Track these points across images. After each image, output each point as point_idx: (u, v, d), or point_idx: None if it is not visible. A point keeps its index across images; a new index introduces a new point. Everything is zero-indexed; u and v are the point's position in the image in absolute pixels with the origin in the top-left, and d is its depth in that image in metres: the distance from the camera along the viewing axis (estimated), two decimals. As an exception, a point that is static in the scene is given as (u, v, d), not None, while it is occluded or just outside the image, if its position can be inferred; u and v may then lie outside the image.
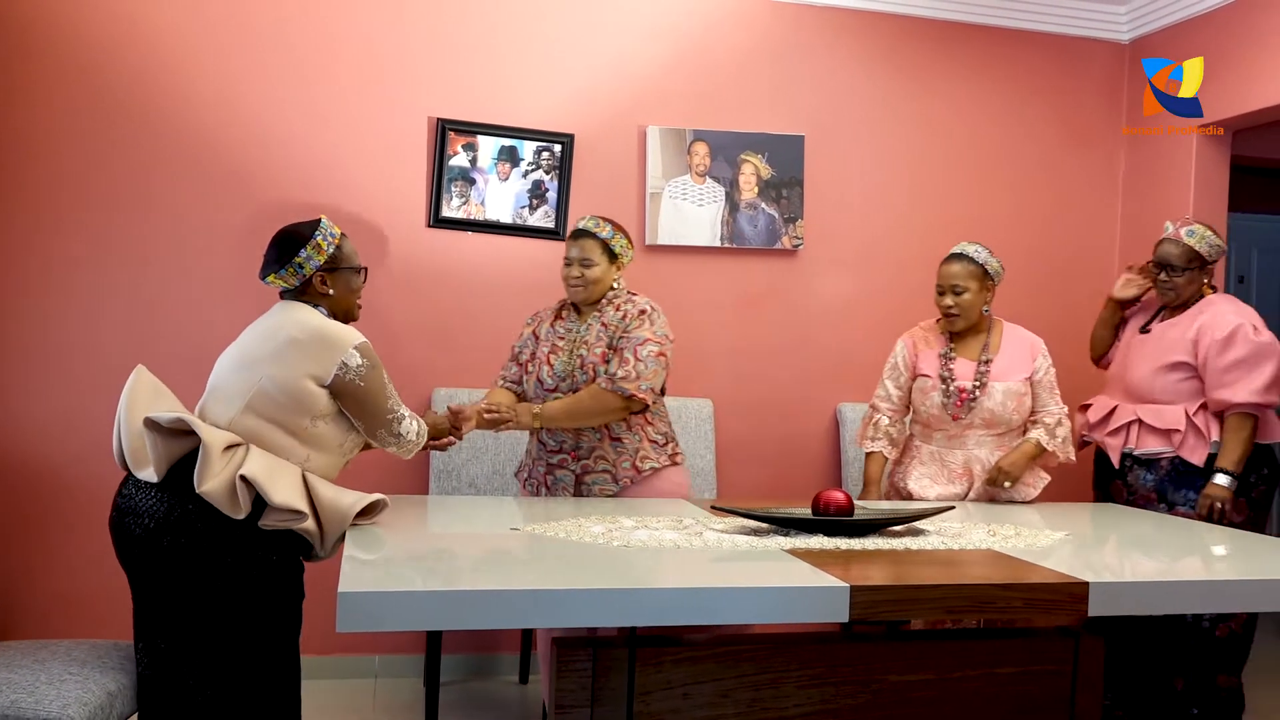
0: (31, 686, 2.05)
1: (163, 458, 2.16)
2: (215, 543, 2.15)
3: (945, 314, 3.15)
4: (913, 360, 3.20)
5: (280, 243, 2.38)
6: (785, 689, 2.37)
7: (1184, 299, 3.27)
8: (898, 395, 3.23)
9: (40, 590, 3.44)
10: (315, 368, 2.25)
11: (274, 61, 3.56)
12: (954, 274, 3.12)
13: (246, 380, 2.26)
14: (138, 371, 2.31)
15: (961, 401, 3.08)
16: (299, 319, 2.32)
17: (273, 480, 2.14)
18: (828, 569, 2.01)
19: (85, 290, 3.46)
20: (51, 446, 3.44)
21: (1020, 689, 2.56)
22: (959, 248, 3.18)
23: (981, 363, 3.11)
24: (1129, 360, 3.36)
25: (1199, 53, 3.85)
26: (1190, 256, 3.20)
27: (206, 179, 3.52)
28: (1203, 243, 3.21)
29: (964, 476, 3.11)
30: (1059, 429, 3.13)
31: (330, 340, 2.27)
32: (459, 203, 3.67)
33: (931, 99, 4.09)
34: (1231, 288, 5.09)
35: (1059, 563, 2.17)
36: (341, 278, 2.42)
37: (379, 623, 1.81)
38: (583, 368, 2.88)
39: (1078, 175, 4.23)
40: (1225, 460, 3.12)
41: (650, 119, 3.83)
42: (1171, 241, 3.24)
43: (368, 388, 2.29)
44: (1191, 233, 3.22)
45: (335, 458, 2.34)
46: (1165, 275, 3.25)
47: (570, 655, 2.26)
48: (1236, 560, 2.50)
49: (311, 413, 2.26)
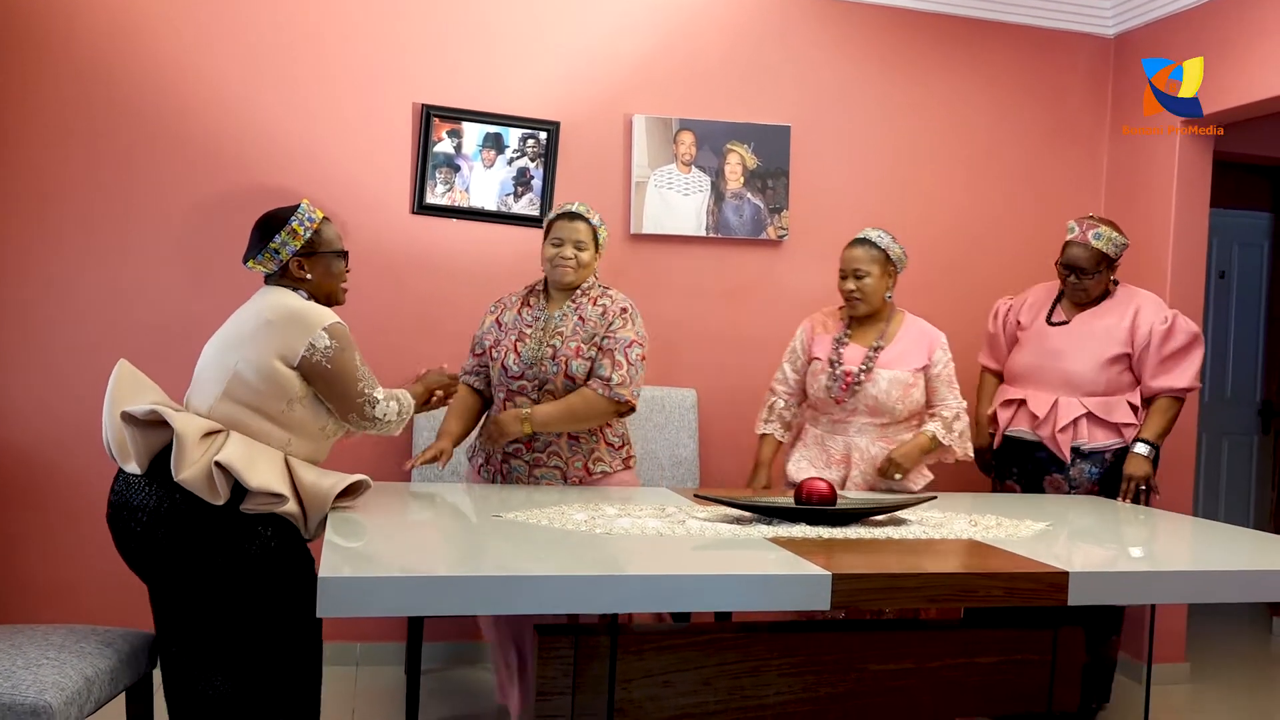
0: (8, 671, 2.03)
1: (143, 450, 2.16)
2: (208, 531, 2.14)
3: (847, 298, 3.13)
4: (809, 343, 3.19)
5: (259, 227, 2.37)
6: (766, 677, 2.37)
7: (1093, 297, 3.37)
8: (794, 379, 3.22)
9: (17, 577, 3.41)
10: (284, 348, 2.23)
11: (258, 47, 3.53)
12: (856, 258, 3.09)
13: (224, 366, 2.26)
14: (119, 365, 2.30)
15: (846, 386, 3.05)
16: (274, 301, 2.31)
17: (250, 464, 2.13)
18: (810, 557, 2.02)
19: (65, 276, 3.43)
20: (31, 433, 3.41)
21: (1000, 678, 2.58)
22: (863, 233, 3.15)
23: (872, 349, 3.09)
24: (1062, 352, 3.34)
25: (1183, 47, 3.87)
26: (1098, 259, 3.27)
27: (189, 165, 3.49)
28: (1109, 244, 3.28)
29: (843, 463, 3.09)
30: (956, 423, 3.10)
31: (300, 320, 2.26)
32: (443, 190, 3.65)
33: (917, 91, 4.09)
34: (1212, 283, 5.12)
35: (1040, 553, 2.19)
36: (320, 262, 2.40)
37: (360, 608, 1.80)
38: (554, 358, 2.84)
39: (1061, 168, 4.24)
40: (1148, 432, 3.25)
41: (636, 107, 3.82)
42: (1079, 245, 3.29)
43: (335, 370, 2.26)
44: (1098, 236, 3.27)
45: (318, 441, 2.33)
46: (1075, 279, 3.31)
47: (552, 642, 2.26)
48: (1217, 551, 2.52)
49: (287, 395, 2.25)
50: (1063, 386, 3.33)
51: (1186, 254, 3.93)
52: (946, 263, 4.12)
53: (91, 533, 3.36)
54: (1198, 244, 3.95)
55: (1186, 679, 3.94)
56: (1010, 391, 3.46)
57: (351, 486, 2.29)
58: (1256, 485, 5.41)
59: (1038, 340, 3.41)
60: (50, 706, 1.98)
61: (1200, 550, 2.58)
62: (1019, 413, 3.40)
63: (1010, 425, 3.41)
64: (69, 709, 2.03)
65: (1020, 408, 3.40)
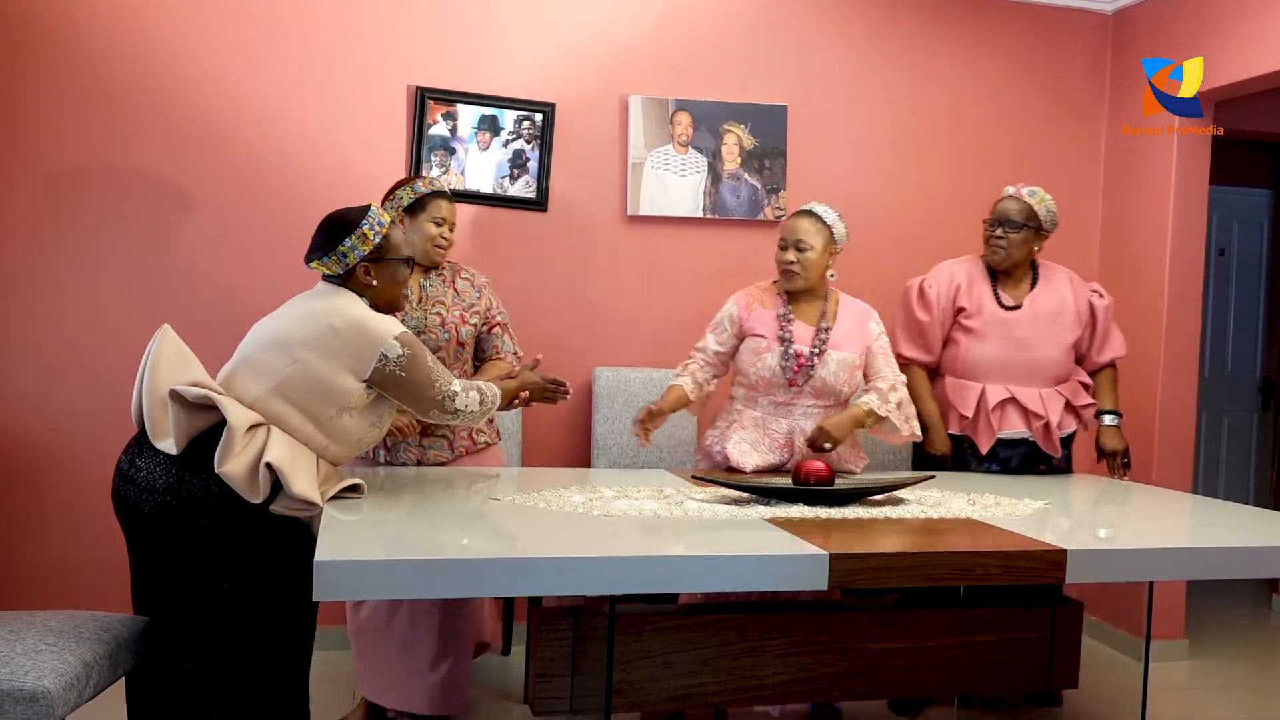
0: (7, 657, 2.03)
1: (184, 432, 2.11)
2: (231, 522, 2.13)
3: (785, 270, 3.01)
4: (742, 319, 3.06)
5: (326, 229, 2.33)
6: (765, 657, 2.38)
7: (1013, 261, 3.23)
8: (714, 350, 3.08)
9: (15, 564, 3.42)
10: (353, 362, 2.22)
11: (252, 31, 3.50)
12: (801, 229, 2.99)
13: (280, 360, 2.22)
14: (163, 333, 2.23)
15: (799, 367, 2.97)
16: (341, 307, 2.28)
17: (294, 469, 2.12)
18: (807, 537, 2.02)
19: (61, 263, 3.41)
20: (28, 421, 3.41)
21: (998, 656, 2.59)
22: (810, 205, 3.08)
23: (821, 329, 3.00)
24: (1030, 341, 3.19)
25: (1183, 24, 3.85)
26: (1028, 214, 3.20)
27: (184, 150, 3.47)
28: (1042, 204, 3.22)
29: (785, 447, 2.98)
30: (892, 394, 2.99)
31: (369, 334, 2.23)
32: (439, 172, 3.63)
33: (915, 69, 4.06)
34: (1212, 261, 5.11)
35: (1038, 531, 2.19)
36: (387, 268, 2.36)
37: (356, 591, 1.81)
38: (443, 325, 2.94)
39: (1060, 146, 4.22)
40: (1112, 403, 3.31)
41: (632, 88, 3.80)
42: (1012, 199, 3.24)
43: (409, 376, 2.26)
44: (1033, 193, 3.22)
45: (351, 449, 2.33)
46: (1000, 232, 3.22)
47: (551, 624, 2.27)
48: (1217, 528, 2.52)
49: (339, 404, 2.23)
50: (1031, 377, 3.20)
51: (1186, 231, 3.91)
52: (944, 241, 4.10)
53: (90, 519, 3.37)
54: (1197, 221, 3.93)
55: (1185, 655, 3.95)
56: (971, 388, 3.21)
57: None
58: (1256, 462, 5.41)
59: (1001, 329, 3.20)
60: (49, 692, 1.98)
61: (1200, 527, 2.58)
62: (1007, 412, 3.19)
63: (1003, 428, 3.18)
64: (68, 694, 2.03)
65: (1007, 406, 3.19)
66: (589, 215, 3.79)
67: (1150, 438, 3.91)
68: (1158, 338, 3.91)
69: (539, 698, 2.28)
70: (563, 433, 3.80)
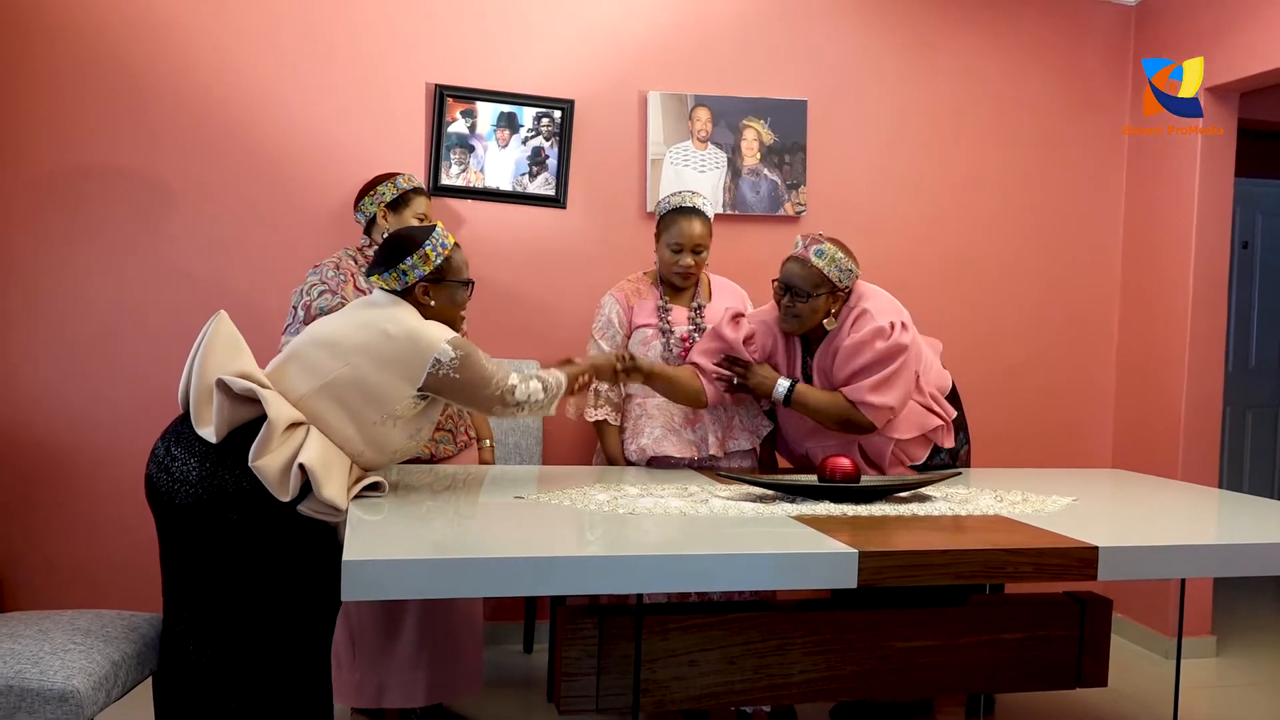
0: (36, 657, 2.04)
1: (225, 421, 2.12)
2: (259, 520, 2.13)
3: (684, 274, 3.03)
4: (628, 315, 3.08)
5: (390, 245, 2.37)
6: (792, 655, 2.37)
7: (806, 327, 2.85)
8: None
9: (44, 562, 3.43)
10: (407, 369, 2.23)
11: (271, 29, 3.51)
12: (697, 235, 3.00)
13: (332, 361, 2.23)
14: (218, 318, 2.24)
15: (685, 352, 3.00)
16: (396, 315, 2.30)
17: (327, 472, 2.12)
18: (835, 535, 2.00)
19: (82, 263, 3.43)
20: (52, 421, 3.42)
21: (1027, 654, 2.57)
22: (691, 201, 3.03)
23: (694, 309, 3.07)
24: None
25: (1206, 13, 3.81)
26: (817, 280, 2.78)
27: (204, 148, 3.48)
28: (831, 265, 2.77)
29: (697, 423, 2.99)
30: None
31: (421, 340, 2.25)
32: (458, 170, 3.62)
33: (935, 63, 4.03)
34: (1235, 254, 5.06)
35: (1067, 527, 2.16)
36: (446, 290, 2.39)
37: (384, 590, 1.80)
38: None
39: (1082, 140, 4.18)
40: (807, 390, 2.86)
41: (651, 84, 3.78)
42: (797, 260, 2.80)
43: (464, 378, 2.27)
44: (820, 253, 2.77)
45: (385, 458, 2.34)
46: (789, 300, 2.82)
47: (577, 623, 2.25)
48: (1245, 524, 2.49)
49: (386, 411, 2.24)
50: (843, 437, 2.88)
51: (1210, 224, 3.87)
52: (965, 237, 4.08)
53: (115, 519, 3.38)
54: (1221, 214, 3.89)
55: (1213, 652, 3.92)
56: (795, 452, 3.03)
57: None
58: (1281, 457, 5.37)
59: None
60: (78, 691, 1.99)
61: (1228, 523, 2.55)
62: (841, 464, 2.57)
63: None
64: (97, 694, 2.04)
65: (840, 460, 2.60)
66: (608, 212, 3.78)
67: (1175, 433, 3.87)
68: (1182, 333, 3.88)
69: (565, 696, 2.27)
70: (584, 429, 3.79)
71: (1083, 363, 4.23)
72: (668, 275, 3.08)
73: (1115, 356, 4.24)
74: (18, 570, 3.42)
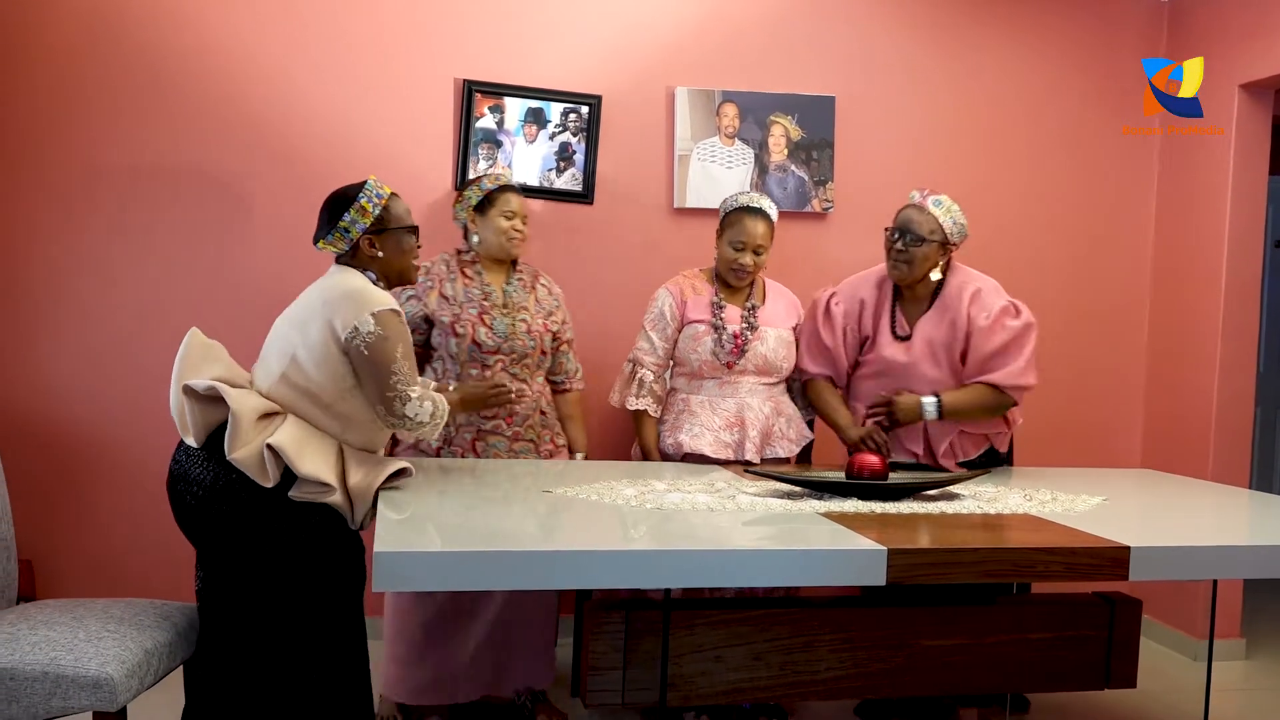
0: (70, 644, 2.07)
1: (200, 424, 2.18)
2: (259, 511, 2.16)
3: (740, 271, 3.04)
4: (680, 310, 3.08)
5: (328, 207, 2.36)
6: (818, 652, 2.36)
7: (915, 278, 2.95)
8: (664, 349, 3.06)
9: (76, 551, 3.47)
10: (335, 325, 2.21)
11: (299, 23, 3.53)
12: (759, 235, 3.02)
13: (285, 347, 2.26)
14: (190, 335, 2.29)
15: (736, 348, 3.01)
16: (336, 282, 2.31)
17: (301, 451, 2.13)
18: (864, 532, 1.99)
19: (109, 255, 3.46)
20: (82, 408, 3.46)
21: (1055, 654, 2.55)
22: (757, 202, 3.06)
23: (748, 309, 3.07)
24: (910, 373, 2.98)
25: (1240, 10, 3.76)
26: (932, 227, 2.90)
27: (231, 142, 3.50)
28: (948, 216, 2.91)
29: (737, 426, 2.99)
30: None
31: (353, 300, 2.23)
32: (486, 165, 3.63)
33: (963, 59, 4.00)
34: (1268, 253, 4.99)
35: (1097, 527, 2.15)
36: (391, 239, 2.37)
37: (414, 583, 1.81)
38: (529, 333, 2.97)
39: (1113, 136, 4.13)
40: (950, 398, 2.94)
41: (679, 80, 3.78)
42: (915, 208, 2.93)
43: (371, 357, 2.20)
44: (939, 203, 2.91)
45: (373, 432, 2.33)
46: (901, 245, 2.90)
47: (603, 617, 2.26)
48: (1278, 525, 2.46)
49: (340, 386, 2.23)
50: None
51: (1244, 223, 3.83)
52: (994, 235, 4.05)
53: (145, 509, 3.41)
54: (1255, 213, 3.84)
55: (1242, 655, 3.88)
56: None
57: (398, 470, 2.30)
58: (1313, 459, 5.29)
59: (888, 365, 3.00)
60: (112, 679, 2.01)
61: (1260, 524, 2.53)
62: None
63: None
64: (130, 681, 2.06)
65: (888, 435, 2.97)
66: (636, 207, 3.78)
67: (1207, 432, 3.84)
68: (1214, 331, 3.84)
69: (591, 690, 2.28)
70: (616, 422, 3.79)
71: (1112, 362, 4.19)
72: (725, 273, 3.09)
73: (1145, 356, 4.20)
74: (53, 560, 3.46)
